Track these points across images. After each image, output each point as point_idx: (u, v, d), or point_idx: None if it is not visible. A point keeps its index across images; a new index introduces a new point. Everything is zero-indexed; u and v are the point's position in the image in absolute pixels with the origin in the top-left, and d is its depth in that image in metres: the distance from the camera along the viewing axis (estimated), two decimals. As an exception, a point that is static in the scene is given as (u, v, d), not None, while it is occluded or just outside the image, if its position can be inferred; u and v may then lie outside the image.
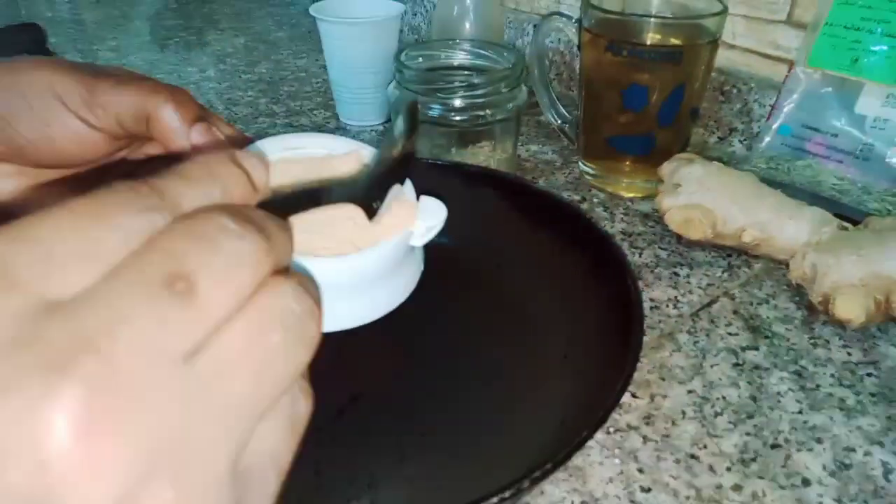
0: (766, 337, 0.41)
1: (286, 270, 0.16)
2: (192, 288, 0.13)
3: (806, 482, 0.32)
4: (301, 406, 0.16)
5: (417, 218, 0.28)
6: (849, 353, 0.40)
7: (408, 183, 0.29)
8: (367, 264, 0.26)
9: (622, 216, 0.53)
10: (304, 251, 0.25)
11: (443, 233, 0.48)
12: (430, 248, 0.47)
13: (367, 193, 0.27)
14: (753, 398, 0.37)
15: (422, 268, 0.30)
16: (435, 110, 0.51)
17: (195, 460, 0.13)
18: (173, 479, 0.13)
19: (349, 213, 0.26)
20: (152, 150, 0.31)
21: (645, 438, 0.34)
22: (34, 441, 0.11)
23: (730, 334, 0.41)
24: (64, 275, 0.13)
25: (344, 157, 0.30)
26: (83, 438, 0.12)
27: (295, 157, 0.30)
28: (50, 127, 0.26)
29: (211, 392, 0.13)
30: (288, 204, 0.22)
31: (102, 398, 0.12)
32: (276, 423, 0.15)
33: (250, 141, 0.29)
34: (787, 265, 0.45)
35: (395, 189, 0.28)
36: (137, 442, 0.12)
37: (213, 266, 0.14)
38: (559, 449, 0.27)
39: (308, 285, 0.16)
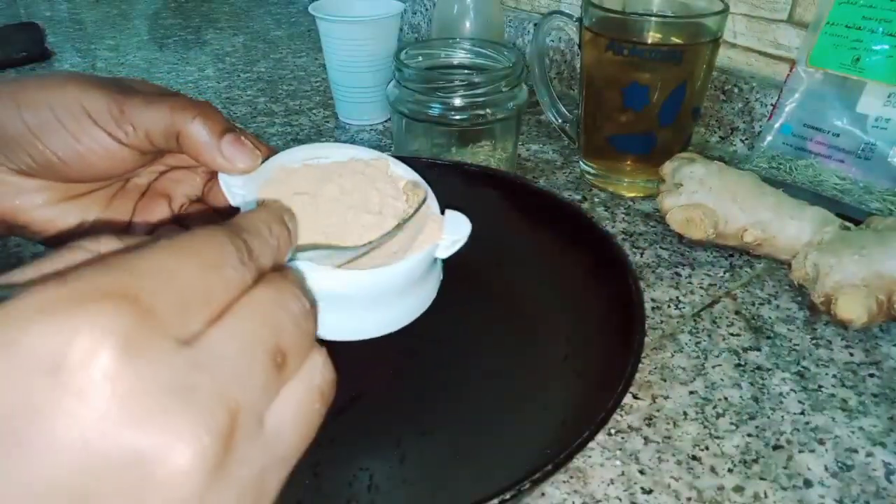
0: (768, 337, 0.41)
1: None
2: (286, 361, 0.17)
3: (808, 483, 0.32)
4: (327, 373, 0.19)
5: (444, 231, 0.30)
6: (851, 354, 0.39)
7: (431, 196, 0.31)
8: (397, 276, 0.27)
9: (623, 216, 0.53)
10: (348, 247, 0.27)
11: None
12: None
13: None
14: (755, 399, 0.36)
15: (441, 277, 0.31)
16: (435, 109, 0.51)
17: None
18: None
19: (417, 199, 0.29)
20: (173, 160, 0.32)
21: (646, 440, 0.34)
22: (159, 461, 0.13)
23: (731, 335, 0.41)
24: (188, 315, 0.15)
25: (369, 161, 0.31)
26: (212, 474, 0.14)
27: (320, 164, 0.31)
28: (79, 143, 0.27)
29: (271, 447, 0.16)
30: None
31: (222, 456, 0.14)
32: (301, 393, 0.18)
33: (274, 151, 0.30)
34: (789, 265, 0.45)
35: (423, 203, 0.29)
36: (241, 482, 0.15)
37: (299, 342, 0.17)
38: (560, 450, 0.27)
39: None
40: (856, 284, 0.40)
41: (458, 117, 0.51)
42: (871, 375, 0.38)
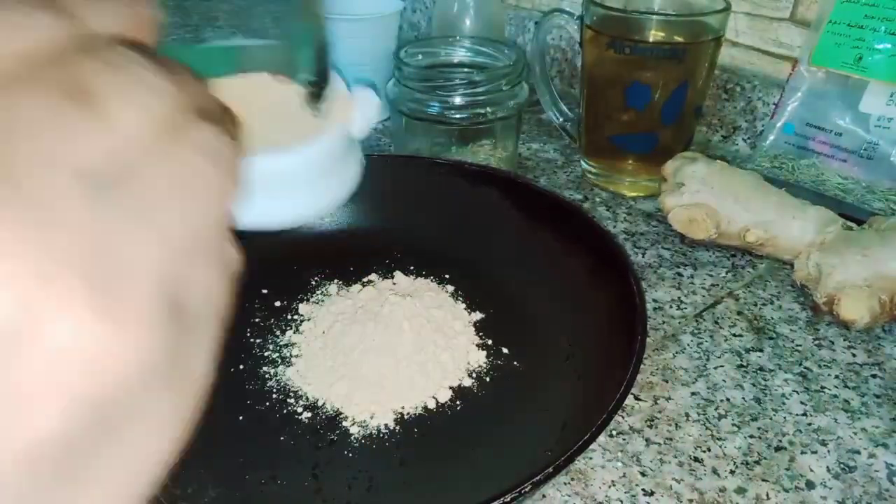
0: (771, 338, 0.41)
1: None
2: (96, 100, 0.12)
3: (810, 485, 0.32)
4: (231, 252, 0.15)
5: (354, 109, 0.28)
6: (853, 354, 0.39)
7: (335, 75, 0.28)
8: (317, 156, 0.26)
9: (625, 215, 0.53)
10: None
11: (443, 232, 0.48)
12: (430, 247, 0.47)
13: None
14: (758, 400, 0.36)
15: (363, 163, 0.30)
16: (435, 108, 0.51)
17: (115, 275, 0.12)
18: (87, 281, 0.11)
19: (289, 92, 0.26)
20: None
21: (648, 441, 0.34)
22: None
23: (734, 335, 0.41)
24: None
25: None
26: None
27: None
28: None
29: (130, 218, 0.12)
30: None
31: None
32: (209, 268, 0.14)
33: None
34: (792, 265, 0.45)
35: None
36: (38, 250, 0.11)
37: (122, 86, 0.12)
38: (561, 452, 0.26)
39: (232, 129, 0.15)
40: (858, 285, 0.39)
41: (458, 116, 0.51)
42: (874, 376, 0.38)
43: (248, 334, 0.39)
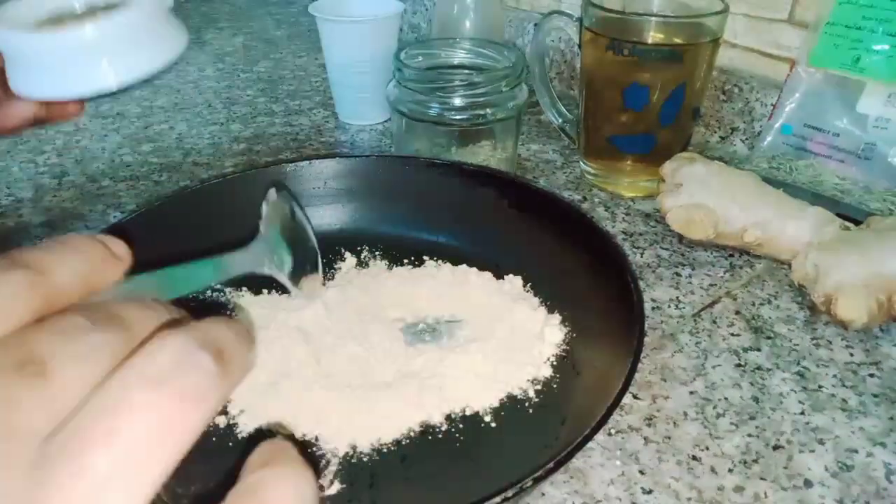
0: (769, 337, 0.41)
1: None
2: (44, 370, 0.14)
3: (808, 483, 0.32)
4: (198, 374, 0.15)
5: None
6: (851, 354, 0.39)
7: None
8: (130, 18, 0.30)
9: (623, 216, 0.53)
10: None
11: (441, 231, 0.48)
12: (430, 247, 0.47)
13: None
14: (755, 399, 0.36)
15: (187, 36, 0.34)
16: (435, 109, 0.51)
17: None
18: None
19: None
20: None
21: (646, 440, 0.34)
22: None
23: (732, 335, 0.41)
24: None
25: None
26: None
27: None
28: None
29: (67, 473, 0.13)
30: None
31: None
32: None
33: None
34: (790, 265, 0.45)
35: None
36: None
37: (66, 351, 0.14)
38: (561, 448, 0.27)
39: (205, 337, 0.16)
40: (856, 285, 0.40)
41: (458, 117, 0.51)
42: (872, 375, 0.38)
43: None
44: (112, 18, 0.30)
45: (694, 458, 0.33)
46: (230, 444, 0.32)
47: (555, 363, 0.37)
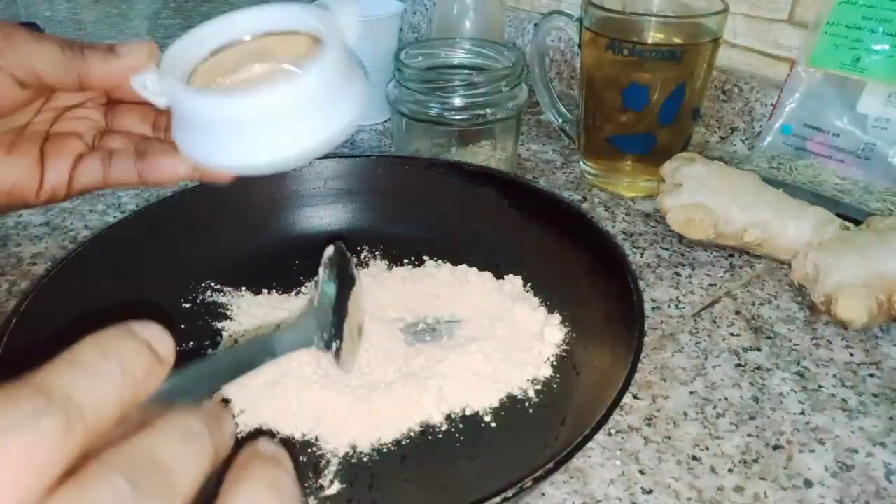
0: (769, 337, 0.41)
1: None
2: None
3: (808, 483, 0.32)
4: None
5: (338, 17, 0.29)
6: (851, 354, 0.39)
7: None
8: (318, 78, 0.26)
9: (623, 216, 0.53)
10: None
11: (441, 231, 0.48)
12: (429, 247, 0.47)
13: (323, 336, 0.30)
14: (755, 399, 0.36)
15: (366, 80, 0.30)
16: (435, 109, 0.51)
17: None
18: None
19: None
20: (61, 102, 0.33)
21: (646, 440, 0.34)
22: None
23: (732, 335, 0.41)
24: None
25: (282, 37, 0.30)
26: None
27: (225, 47, 0.30)
28: None
29: None
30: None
31: None
32: None
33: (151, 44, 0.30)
34: (789, 265, 0.45)
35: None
36: None
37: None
38: (561, 448, 0.27)
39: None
40: (856, 285, 0.40)
41: (458, 117, 0.51)
42: (872, 375, 0.38)
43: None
44: (310, 75, 0.25)
45: (694, 458, 0.33)
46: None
47: (555, 363, 0.37)
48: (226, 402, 0.35)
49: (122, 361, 0.15)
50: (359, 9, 0.30)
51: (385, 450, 0.33)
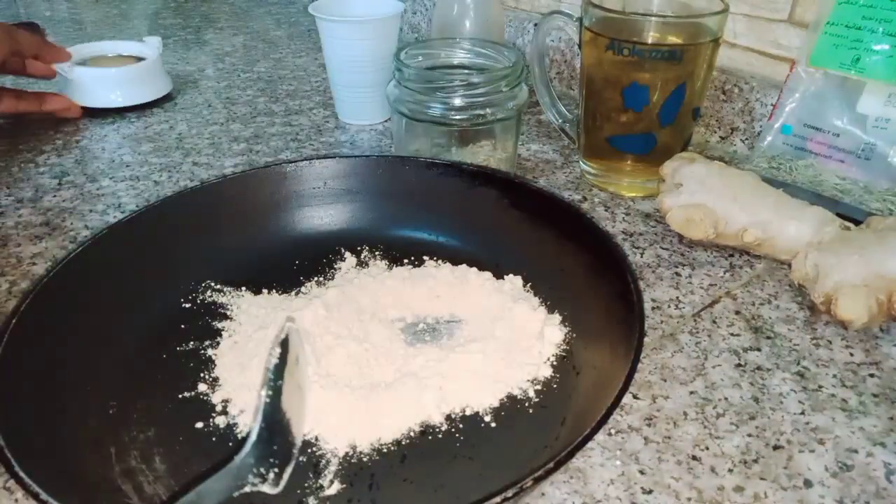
0: (768, 337, 0.41)
1: None
2: None
3: (808, 483, 0.32)
4: None
5: None
6: (851, 354, 0.39)
7: None
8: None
9: (623, 216, 0.53)
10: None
11: (441, 231, 0.48)
12: (429, 247, 0.47)
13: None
14: (755, 399, 0.36)
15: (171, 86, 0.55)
16: (435, 109, 0.51)
17: None
18: None
19: None
20: None
21: (646, 440, 0.34)
22: None
23: (732, 335, 0.41)
24: None
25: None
26: None
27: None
28: None
29: None
30: None
31: None
32: None
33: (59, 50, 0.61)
34: (789, 265, 0.45)
35: None
36: None
37: None
38: (560, 449, 0.27)
39: None
40: (856, 284, 0.40)
41: (458, 117, 0.51)
42: (872, 375, 0.38)
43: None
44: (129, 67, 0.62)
45: (694, 458, 0.33)
46: (230, 443, 0.32)
47: (555, 363, 0.37)
48: (226, 401, 0.35)
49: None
50: (359, 9, 0.29)
51: (385, 450, 0.33)
